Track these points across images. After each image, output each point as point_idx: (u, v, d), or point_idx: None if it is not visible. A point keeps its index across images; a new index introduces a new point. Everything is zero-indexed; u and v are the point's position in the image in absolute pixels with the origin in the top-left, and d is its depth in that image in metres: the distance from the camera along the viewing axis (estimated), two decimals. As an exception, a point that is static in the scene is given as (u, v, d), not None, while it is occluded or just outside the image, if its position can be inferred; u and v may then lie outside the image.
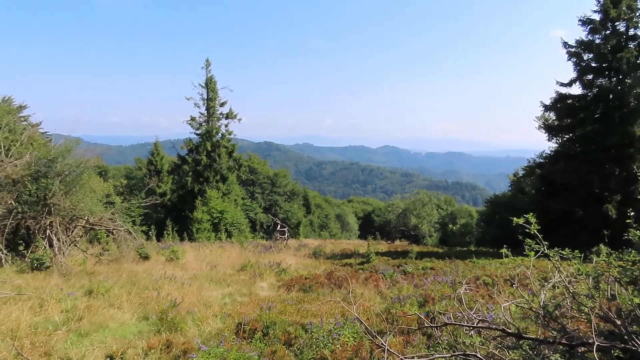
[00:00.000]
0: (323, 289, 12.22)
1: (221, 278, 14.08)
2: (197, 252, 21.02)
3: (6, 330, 7.06)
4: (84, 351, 6.53)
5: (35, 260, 12.82)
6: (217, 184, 37.03)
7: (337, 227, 62.41)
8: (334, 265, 19.32)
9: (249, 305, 9.92)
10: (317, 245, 29.43)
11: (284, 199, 50.77)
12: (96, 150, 19.34)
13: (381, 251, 26.76)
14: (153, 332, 7.74)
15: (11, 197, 14.49)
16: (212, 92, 37.37)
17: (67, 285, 10.86)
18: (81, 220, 15.51)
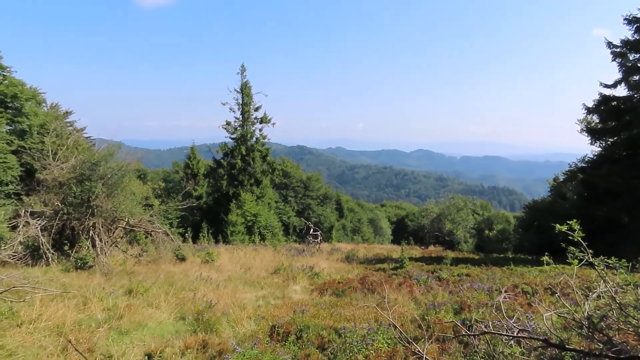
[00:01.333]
0: (356, 294, 12.17)
1: (255, 281, 14.25)
2: (232, 254, 21.34)
3: (53, 326, 7.38)
4: (124, 349, 6.75)
5: (79, 259, 13.37)
6: (251, 187, 37.53)
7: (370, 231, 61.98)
8: (367, 270, 19.18)
9: (283, 308, 9.99)
10: (350, 249, 29.32)
11: (317, 203, 50.88)
12: (136, 154, 19.99)
13: (415, 256, 26.39)
14: (189, 332, 7.91)
15: (58, 199, 15.19)
16: (247, 97, 37.99)
17: (108, 284, 11.26)
18: (122, 221, 16.06)
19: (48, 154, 16.96)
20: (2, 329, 7.08)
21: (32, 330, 7.14)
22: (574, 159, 29.32)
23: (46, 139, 20.37)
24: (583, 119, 27.84)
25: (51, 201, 15.30)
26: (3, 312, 7.59)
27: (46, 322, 7.52)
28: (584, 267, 4.78)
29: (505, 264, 20.07)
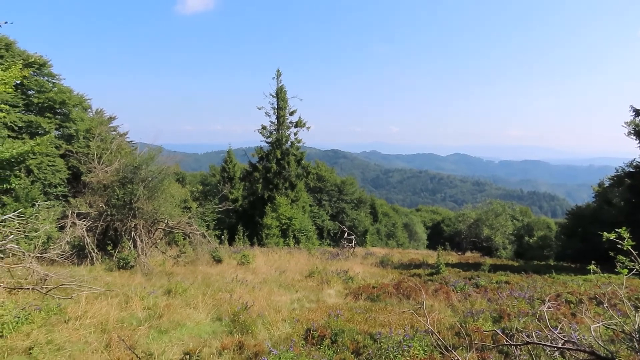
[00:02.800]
0: (391, 299, 12.04)
1: (290, 283, 14.33)
2: (267, 257, 21.56)
3: (97, 323, 7.68)
4: (163, 347, 6.93)
5: (122, 259, 13.86)
6: (286, 190, 37.85)
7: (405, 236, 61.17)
8: (401, 275, 18.95)
9: (317, 312, 10.00)
10: (385, 254, 29.05)
11: (351, 207, 50.69)
12: (175, 158, 20.58)
13: (451, 262, 25.86)
14: (226, 332, 8.04)
15: (102, 201, 15.81)
16: (282, 101, 38.40)
17: (149, 284, 11.61)
18: (161, 223, 16.53)
19: (93, 157, 17.69)
20: (51, 324, 7.43)
21: (78, 326, 7.44)
22: (620, 164, 27.99)
23: (92, 143, 21.26)
24: (631, 122, 26.55)
25: (96, 203, 15.95)
26: (52, 309, 7.95)
27: (91, 319, 7.83)
28: (633, 277, 4.55)
29: (547, 272, 19.37)
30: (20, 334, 6.87)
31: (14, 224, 9.61)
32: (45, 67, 24.45)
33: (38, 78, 23.99)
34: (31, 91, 23.96)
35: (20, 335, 6.81)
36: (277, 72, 38.40)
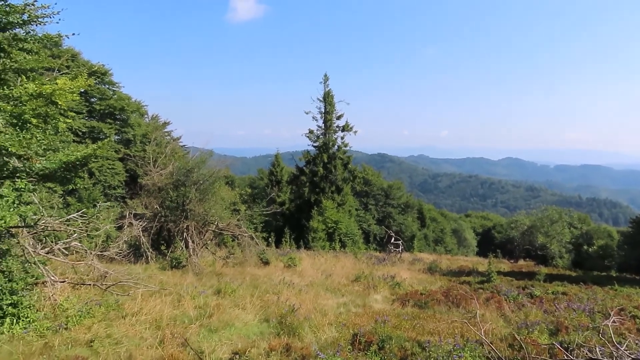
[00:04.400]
0: (440, 307, 11.75)
1: (336, 287, 14.32)
2: (313, 260, 21.67)
3: (152, 319, 8.01)
4: (213, 346, 7.11)
5: (174, 259, 14.39)
6: (333, 194, 37.90)
7: (454, 242, 59.60)
8: (450, 282, 18.47)
9: (364, 317, 9.92)
10: (432, 260, 28.43)
11: (398, 212, 50.00)
12: (226, 162, 21.15)
13: (503, 270, 24.90)
14: (273, 334, 8.13)
15: (156, 203, 16.49)
16: (330, 105, 38.52)
17: (199, 283, 11.97)
18: (212, 225, 17.01)
19: (149, 161, 18.50)
20: (109, 319, 7.83)
21: (134, 322, 7.79)
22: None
23: (148, 147, 22.26)
24: None
25: (151, 204, 16.67)
26: (111, 304, 8.38)
27: (146, 316, 8.18)
28: None
29: (608, 283, 18.24)
30: (82, 327, 7.28)
31: (78, 223, 10.21)
32: (107, 76, 25.89)
33: (100, 86, 25.43)
34: (94, 98, 25.45)
35: (83, 329, 7.22)
36: (325, 77, 38.62)
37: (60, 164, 7.63)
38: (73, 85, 7.26)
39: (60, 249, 10.08)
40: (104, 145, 8.36)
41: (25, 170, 7.49)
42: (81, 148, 8.26)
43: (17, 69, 7.07)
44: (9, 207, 6.41)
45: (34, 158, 7.37)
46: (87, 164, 8.71)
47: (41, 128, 7.37)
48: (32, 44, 7.67)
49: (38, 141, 7.08)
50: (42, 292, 8.38)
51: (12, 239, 7.95)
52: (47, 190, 15.18)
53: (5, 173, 7.36)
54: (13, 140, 6.60)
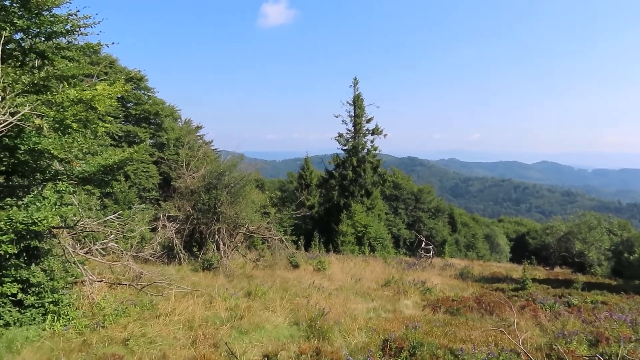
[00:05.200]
0: (472, 314, 11.49)
1: (365, 292, 14.23)
2: (342, 264, 21.61)
3: (184, 320, 8.16)
4: (244, 347, 7.18)
5: (206, 261, 14.63)
6: (362, 198, 37.74)
7: (486, 247, 58.19)
8: (483, 288, 18.05)
9: (394, 322, 9.81)
10: (464, 265, 27.86)
11: (428, 216, 49.30)
12: (256, 165, 21.40)
13: (538, 278, 24.15)
14: (303, 337, 8.14)
15: (189, 205, 16.83)
16: (359, 109, 38.46)
17: (230, 285, 12.12)
18: (242, 227, 17.22)
19: (182, 164, 18.92)
20: (144, 318, 8.02)
21: (168, 322, 7.96)
22: None
23: (181, 151, 22.78)
24: None
25: (184, 207, 17.03)
26: (145, 304, 8.59)
27: (179, 316, 8.34)
28: None
29: (652, 294, 17.42)
30: (118, 325, 7.49)
31: (115, 225, 10.53)
32: (142, 82, 26.67)
33: (136, 92, 26.21)
34: (130, 103, 26.25)
35: (119, 327, 7.43)
36: (354, 80, 38.58)
37: (99, 167, 7.90)
38: (111, 91, 7.51)
39: (98, 250, 10.42)
40: (140, 149, 8.60)
41: (66, 173, 7.79)
42: (118, 152, 8.53)
43: (60, 75, 7.37)
44: (50, 208, 6.66)
45: (74, 161, 7.65)
46: (123, 167, 8.99)
47: (81, 132, 7.65)
48: (73, 52, 7.99)
49: (79, 145, 7.35)
50: (80, 291, 8.68)
51: (53, 239, 8.27)
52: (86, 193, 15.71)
53: (48, 175, 7.68)
54: (56, 144, 6.87)
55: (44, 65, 7.68)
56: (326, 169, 40.72)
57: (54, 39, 7.66)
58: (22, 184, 7.66)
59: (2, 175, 7.22)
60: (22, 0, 6.93)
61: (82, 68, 7.84)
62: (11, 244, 6.25)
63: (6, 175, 7.35)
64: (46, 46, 7.67)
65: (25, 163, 7.04)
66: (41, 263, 7.55)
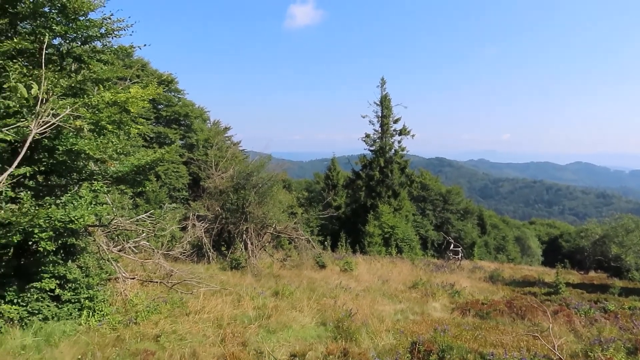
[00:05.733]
0: (503, 318, 11.24)
1: (392, 293, 14.12)
2: (369, 265, 21.50)
3: (213, 318, 8.28)
4: (272, 346, 7.22)
5: (234, 260, 14.82)
6: (389, 199, 37.47)
7: (516, 250, 56.82)
8: (514, 292, 17.63)
9: (422, 325, 9.70)
10: (494, 268, 27.28)
11: (457, 217, 48.53)
12: (283, 166, 21.52)
13: (572, 282, 23.41)
14: (330, 338, 8.12)
15: (218, 205, 17.08)
16: (387, 109, 38.19)
17: (258, 285, 12.24)
18: (270, 227, 17.36)
19: (211, 164, 19.22)
20: (174, 316, 8.19)
21: (197, 320, 8.09)
22: None
23: (210, 151, 23.16)
24: None
25: (212, 206, 17.29)
26: (176, 302, 8.77)
27: (208, 314, 8.48)
28: None
29: (696, 301, 16.62)
30: (150, 322, 7.67)
31: (146, 223, 10.78)
32: (173, 84, 27.27)
33: (166, 94, 26.82)
34: (160, 105, 26.88)
35: (150, 324, 7.60)
36: (382, 81, 38.34)
37: (132, 167, 8.11)
38: (144, 93, 7.70)
39: (130, 247, 10.69)
40: (171, 150, 8.79)
41: (101, 173, 8.03)
42: (150, 152, 8.73)
43: (95, 78, 7.61)
44: (86, 206, 6.88)
45: (109, 162, 7.89)
46: (155, 168, 9.20)
47: (115, 134, 7.87)
48: (108, 55, 8.23)
49: (113, 146, 7.56)
50: (114, 287, 8.93)
51: (88, 237, 8.54)
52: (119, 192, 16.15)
53: (84, 175, 7.93)
54: (92, 145, 7.10)
55: (81, 68, 7.94)
56: (353, 170, 40.61)
57: (89, 42, 7.90)
58: (59, 183, 7.93)
59: (42, 175, 7.50)
60: (60, 6, 7.18)
61: (116, 71, 8.07)
62: (50, 241, 6.48)
63: (45, 174, 7.63)
64: (82, 50, 7.92)
65: (63, 163, 7.29)
66: (77, 260, 7.81)
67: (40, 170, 7.17)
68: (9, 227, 6.05)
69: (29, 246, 7.14)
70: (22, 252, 7.23)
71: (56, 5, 7.15)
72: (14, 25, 7.21)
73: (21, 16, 7.20)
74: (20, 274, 7.01)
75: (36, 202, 6.66)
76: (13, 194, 6.65)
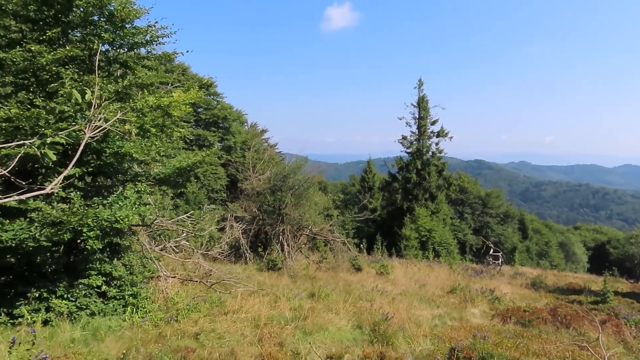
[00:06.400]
0: (546, 326, 10.83)
1: (430, 298, 13.88)
2: (405, 268, 21.24)
3: (251, 318, 8.40)
4: (308, 348, 7.25)
5: (271, 261, 14.99)
6: (426, 202, 36.89)
7: (560, 256, 54.66)
8: (558, 300, 16.96)
9: (461, 331, 9.48)
10: (536, 275, 26.34)
11: (497, 221, 47.18)
12: (319, 168, 21.62)
13: (621, 291, 22.26)
14: (366, 341, 8.08)
15: (255, 206, 17.33)
16: (424, 111, 37.67)
17: (294, 286, 12.32)
18: (306, 229, 17.46)
19: (249, 166, 19.54)
20: (213, 314, 8.36)
21: (235, 319, 8.23)
22: None
23: (247, 153, 23.55)
24: None
25: (250, 208, 17.57)
26: (214, 301, 8.95)
27: (245, 314, 8.61)
28: None
29: None
30: (190, 320, 7.86)
31: (187, 224, 11.07)
32: (212, 87, 27.90)
33: (206, 97, 27.48)
34: (200, 108, 27.54)
35: (190, 322, 7.80)
36: (419, 82, 37.84)
37: (174, 169, 8.36)
38: (186, 97, 7.93)
39: (171, 247, 11.02)
40: (211, 153, 9.00)
41: (144, 174, 8.32)
42: (191, 155, 8.98)
43: (140, 84, 7.90)
44: (131, 207, 7.15)
45: (152, 164, 8.16)
46: (195, 170, 9.45)
47: (158, 136, 8.14)
48: (152, 61, 8.54)
49: (156, 148, 7.82)
50: (156, 285, 9.22)
51: (132, 236, 8.86)
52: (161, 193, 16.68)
53: (129, 177, 8.24)
54: (137, 147, 7.37)
55: (126, 74, 8.26)
56: (389, 172, 40.28)
57: (135, 49, 8.22)
58: (106, 184, 8.27)
59: (90, 176, 7.84)
60: (108, 14, 7.51)
61: (160, 76, 8.36)
62: (97, 240, 6.78)
63: (93, 176, 7.97)
64: (128, 56, 8.25)
65: (110, 165, 7.60)
66: (122, 258, 8.12)
67: (88, 172, 7.49)
68: (60, 226, 6.37)
69: (78, 244, 7.49)
70: (72, 249, 7.58)
71: (104, 14, 7.49)
72: (66, 33, 7.58)
73: (72, 25, 7.57)
74: (69, 270, 7.36)
75: (84, 202, 6.98)
76: (64, 194, 6.99)
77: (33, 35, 7.25)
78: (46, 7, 7.19)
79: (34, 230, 6.39)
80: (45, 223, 6.46)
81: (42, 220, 6.45)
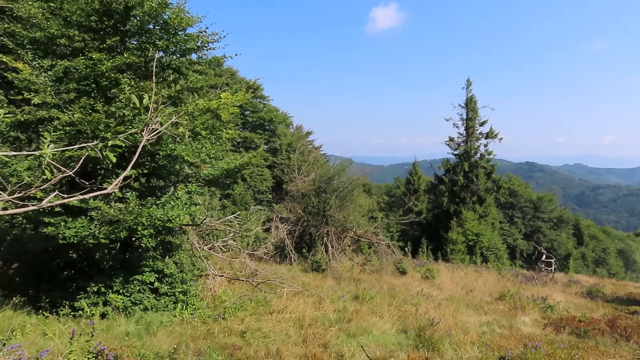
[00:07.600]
0: (604, 338, 10.25)
1: (477, 304, 13.49)
2: (452, 273, 20.75)
3: (295, 318, 8.49)
4: (352, 350, 7.24)
5: (315, 262, 15.09)
6: (474, 205, 35.91)
7: (619, 265, 51.55)
8: (617, 310, 15.99)
9: (510, 340, 9.15)
10: (593, 283, 24.97)
11: (549, 226, 45.18)
12: (364, 170, 21.54)
13: (688, 303, 20.72)
14: (411, 346, 7.96)
15: (300, 208, 17.51)
16: (472, 111, 36.71)
17: (338, 288, 12.34)
18: (350, 231, 17.45)
19: (294, 168, 19.78)
20: (258, 314, 8.52)
21: (280, 319, 8.35)
22: None
23: (292, 155, 23.83)
24: None
25: (295, 209, 17.77)
26: (260, 300, 9.12)
27: (290, 314, 8.71)
28: None
29: None
30: (236, 318, 8.06)
31: (234, 224, 11.36)
32: (258, 90, 28.47)
33: (252, 100, 28.09)
34: (247, 111, 28.19)
35: (236, 320, 7.99)
36: (467, 82, 36.90)
37: (223, 170, 8.60)
38: (234, 99, 8.15)
39: (219, 246, 11.33)
40: (258, 155, 9.19)
41: (194, 175, 8.61)
42: (239, 157, 9.21)
43: (191, 88, 8.20)
44: (182, 207, 7.43)
45: (202, 165, 8.44)
46: (242, 171, 9.68)
47: (208, 139, 8.41)
48: (203, 66, 8.83)
49: (206, 150, 8.08)
50: (204, 283, 9.51)
51: (183, 236, 9.19)
52: (209, 194, 17.19)
53: (180, 178, 8.56)
54: (188, 150, 7.65)
55: (178, 79, 8.60)
56: (435, 174, 39.50)
57: (187, 55, 8.54)
58: (159, 185, 8.63)
59: (144, 177, 8.21)
60: (162, 23, 7.86)
61: (209, 80, 8.63)
62: (150, 238, 7.08)
63: (147, 177, 8.34)
64: (179, 62, 8.58)
65: (163, 167, 7.94)
66: (173, 256, 8.44)
67: (143, 173, 7.86)
68: (117, 224, 6.71)
69: (133, 242, 7.87)
70: (127, 247, 7.97)
71: (159, 22, 7.83)
72: (124, 41, 7.99)
73: (130, 33, 7.98)
74: (125, 267, 7.74)
75: (139, 202, 7.32)
76: (120, 194, 7.37)
77: (94, 44, 7.69)
78: (106, 18, 7.61)
79: (93, 228, 6.77)
80: (103, 221, 6.84)
81: (101, 219, 6.82)
